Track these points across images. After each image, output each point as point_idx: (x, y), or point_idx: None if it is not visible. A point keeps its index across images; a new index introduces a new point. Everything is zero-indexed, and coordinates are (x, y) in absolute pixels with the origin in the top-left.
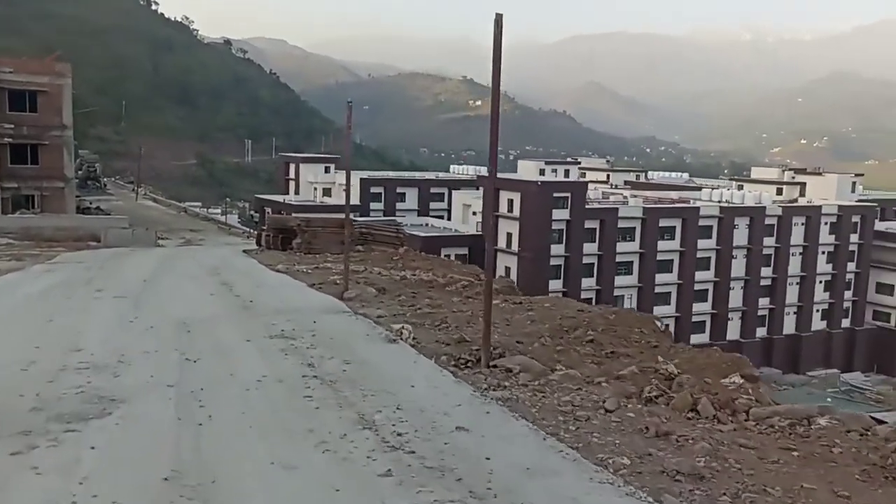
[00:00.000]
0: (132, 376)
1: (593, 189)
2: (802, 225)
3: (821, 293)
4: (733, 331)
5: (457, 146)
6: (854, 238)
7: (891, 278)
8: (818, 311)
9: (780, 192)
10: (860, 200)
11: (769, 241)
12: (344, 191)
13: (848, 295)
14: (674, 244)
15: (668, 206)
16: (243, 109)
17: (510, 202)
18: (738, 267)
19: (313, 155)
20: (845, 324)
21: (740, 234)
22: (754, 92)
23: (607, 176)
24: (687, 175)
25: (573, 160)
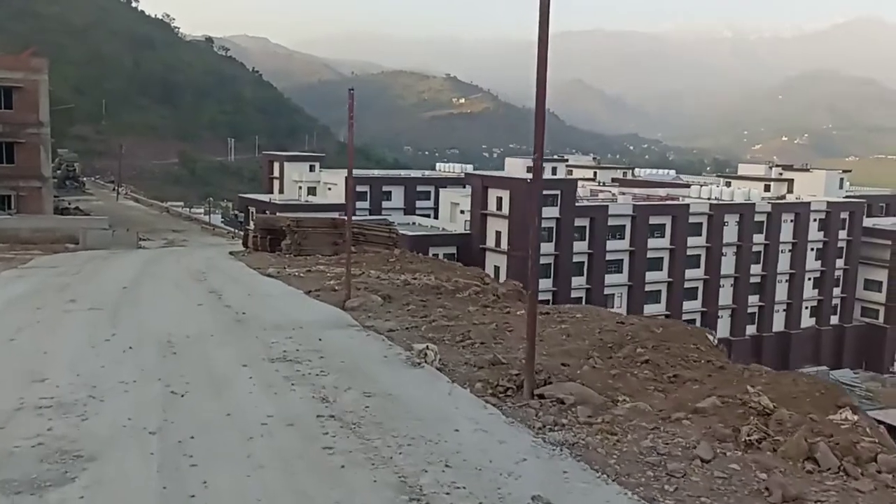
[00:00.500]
0: (105, 419)
1: (581, 187)
2: (791, 222)
3: (810, 290)
4: (723, 329)
5: (441, 144)
6: (842, 234)
7: (879, 275)
8: (807, 307)
9: (767, 189)
10: (847, 197)
11: (758, 238)
12: (329, 189)
13: (837, 292)
14: (664, 242)
15: (658, 203)
16: (226, 108)
17: (499, 200)
18: (728, 264)
19: (298, 153)
20: (834, 321)
21: (730, 231)
22: (735, 89)
23: (594, 174)
24: (674, 172)
25: (560, 157)
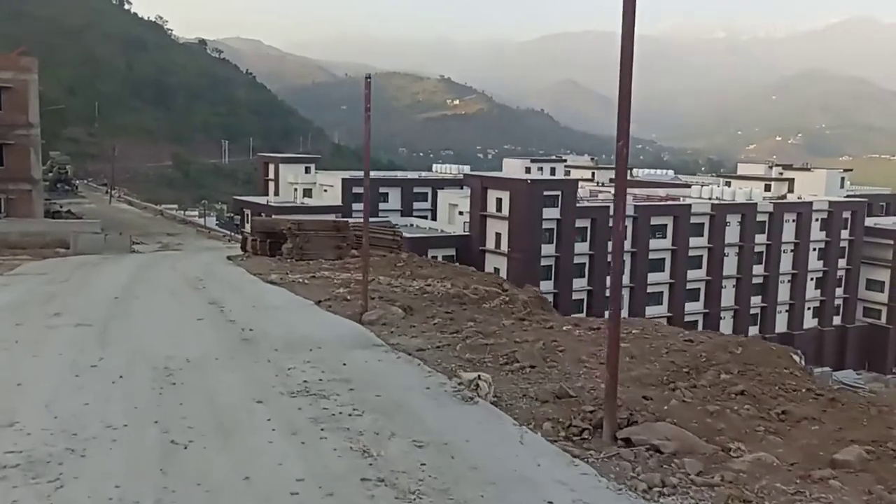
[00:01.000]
0: (84, 486)
1: (580, 187)
2: (793, 221)
3: (812, 290)
4: (726, 330)
5: (435, 146)
6: (845, 234)
7: (881, 274)
8: (809, 308)
9: (768, 189)
10: (848, 196)
11: (760, 238)
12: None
13: (839, 292)
14: (665, 242)
15: (659, 203)
16: (219, 110)
17: (499, 201)
18: (730, 265)
19: (293, 155)
20: (836, 321)
21: (732, 232)
22: (729, 89)
23: (592, 174)
24: (672, 172)
25: (558, 158)
